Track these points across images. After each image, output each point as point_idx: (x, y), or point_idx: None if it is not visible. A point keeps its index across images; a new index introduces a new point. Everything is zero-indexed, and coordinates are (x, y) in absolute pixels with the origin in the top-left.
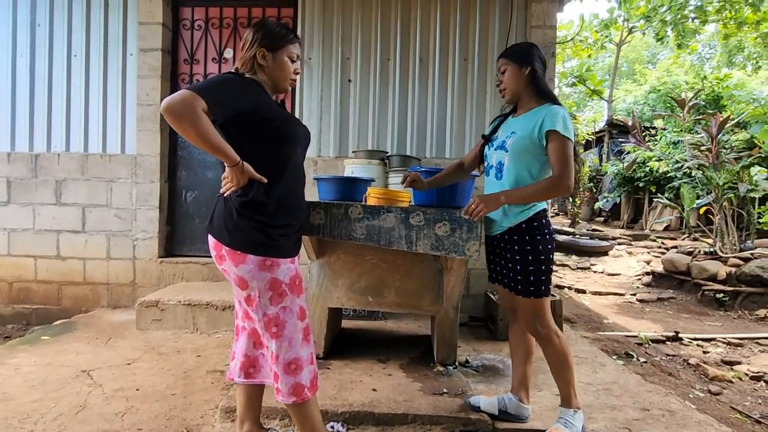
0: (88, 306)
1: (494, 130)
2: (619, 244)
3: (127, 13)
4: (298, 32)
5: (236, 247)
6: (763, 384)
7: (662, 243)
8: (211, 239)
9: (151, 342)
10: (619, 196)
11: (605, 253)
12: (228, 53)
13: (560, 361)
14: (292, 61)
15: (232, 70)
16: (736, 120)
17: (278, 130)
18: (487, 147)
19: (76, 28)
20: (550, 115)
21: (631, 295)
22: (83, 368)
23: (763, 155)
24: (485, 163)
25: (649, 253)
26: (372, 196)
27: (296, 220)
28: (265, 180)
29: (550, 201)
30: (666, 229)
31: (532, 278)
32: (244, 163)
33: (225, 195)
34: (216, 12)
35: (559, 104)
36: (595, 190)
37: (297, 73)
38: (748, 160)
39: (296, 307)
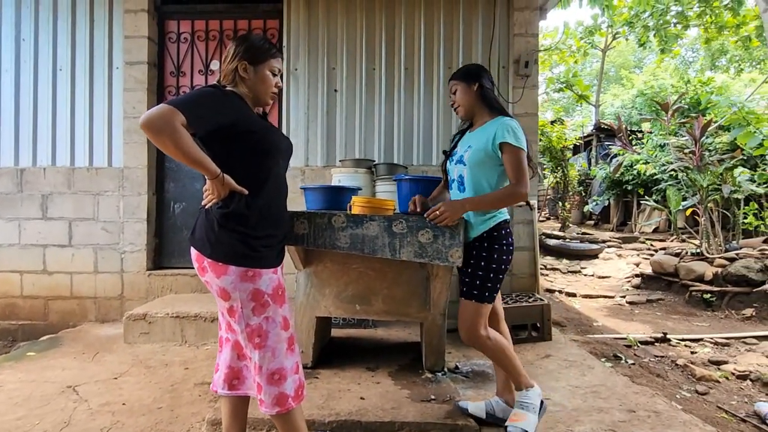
0: (76, 320)
1: (454, 146)
2: (609, 246)
3: (112, 28)
4: (284, 44)
5: (218, 258)
6: (749, 383)
7: (651, 245)
8: (193, 251)
9: (139, 355)
10: (608, 199)
11: (595, 256)
12: (214, 65)
13: (499, 357)
14: (274, 75)
15: (215, 83)
16: (718, 123)
17: (259, 143)
18: (448, 162)
19: (61, 42)
20: (501, 128)
21: (621, 297)
22: (69, 384)
23: (745, 157)
24: (449, 177)
25: (638, 255)
26: (356, 205)
27: (279, 230)
28: (246, 192)
29: (535, 205)
30: (655, 231)
31: (478, 282)
32: (225, 175)
33: (206, 207)
34: (202, 25)
35: (510, 116)
36: (584, 194)
37: (278, 87)
38: (731, 161)
39: (279, 317)
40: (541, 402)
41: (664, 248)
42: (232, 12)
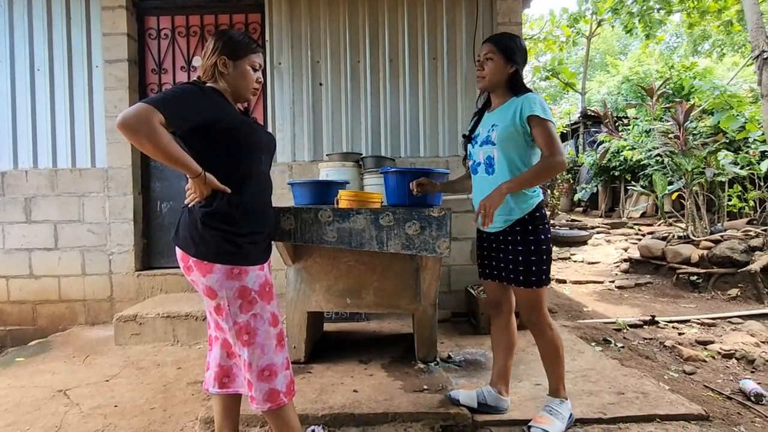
0: (65, 324)
1: (474, 128)
2: (598, 232)
3: (90, 25)
4: (267, 38)
5: (203, 257)
6: (735, 361)
7: (639, 230)
8: (178, 251)
9: (131, 357)
10: (596, 185)
11: (584, 243)
12: (196, 61)
13: (552, 354)
14: (254, 70)
15: (194, 80)
16: (701, 107)
17: (240, 140)
18: (470, 145)
19: (38, 41)
20: (528, 102)
21: (610, 282)
22: (59, 388)
23: (728, 140)
24: (470, 162)
25: (626, 240)
26: (343, 199)
27: (263, 227)
28: (229, 190)
29: None
30: (642, 216)
31: (534, 268)
32: (207, 174)
33: (189, 206)
34: (182, 20)
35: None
36: (573, 181)
37: (259, 83)
38: (714, 145)
39: (267, 313)
40: (570, 415)
41: (651, 232)
42: (212, 7)
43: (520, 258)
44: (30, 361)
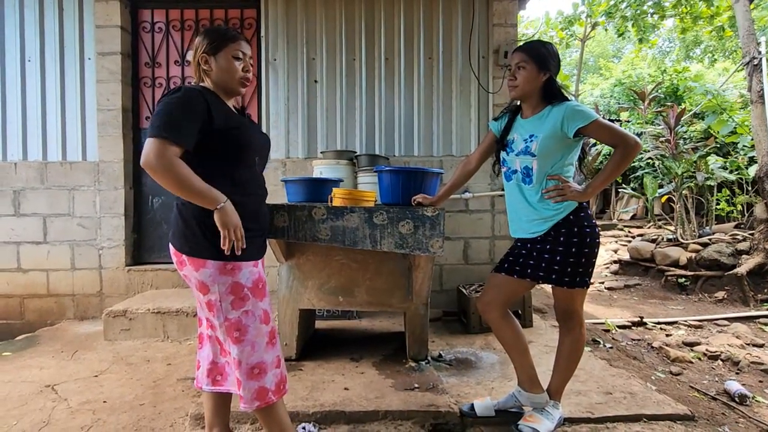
0: (54, 319)
1: (505, 133)
2: None
3: (83, 17)
4: (262, 33)
5: (198, 254)
6: (720, 362)
7: (629, 232)
8: (171, 246)
9: (120, 352)
10: None
11: None
12: (190, 56)
13: (571, 354)
14: (238, 59)
15: (181, 85)
16: (692, 111)
17: (232, 141)
18: (505, 153)
19: (29, 32)
20: (570, 114)
21: (600, 283)
22: (47, 383)
23: (718, 145)
24: (504, 168)
25: (616, 242)
26: (337, 197)
27: (257, 224)
28: (240, 246)
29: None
30: (632, 218)
31: (569, 269)
32: (227, 204)
33: (182, 201)
34: (177, 14)
35: (568, 100)
36: None
37: (247, 71)
38: (705, 149)
39: (259, 310)
40: (560, 416)
41: (641, 235)
42: (207, 1)
43: (558, 258)
44: (17, 355)
